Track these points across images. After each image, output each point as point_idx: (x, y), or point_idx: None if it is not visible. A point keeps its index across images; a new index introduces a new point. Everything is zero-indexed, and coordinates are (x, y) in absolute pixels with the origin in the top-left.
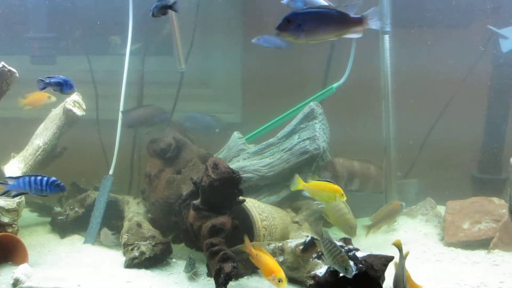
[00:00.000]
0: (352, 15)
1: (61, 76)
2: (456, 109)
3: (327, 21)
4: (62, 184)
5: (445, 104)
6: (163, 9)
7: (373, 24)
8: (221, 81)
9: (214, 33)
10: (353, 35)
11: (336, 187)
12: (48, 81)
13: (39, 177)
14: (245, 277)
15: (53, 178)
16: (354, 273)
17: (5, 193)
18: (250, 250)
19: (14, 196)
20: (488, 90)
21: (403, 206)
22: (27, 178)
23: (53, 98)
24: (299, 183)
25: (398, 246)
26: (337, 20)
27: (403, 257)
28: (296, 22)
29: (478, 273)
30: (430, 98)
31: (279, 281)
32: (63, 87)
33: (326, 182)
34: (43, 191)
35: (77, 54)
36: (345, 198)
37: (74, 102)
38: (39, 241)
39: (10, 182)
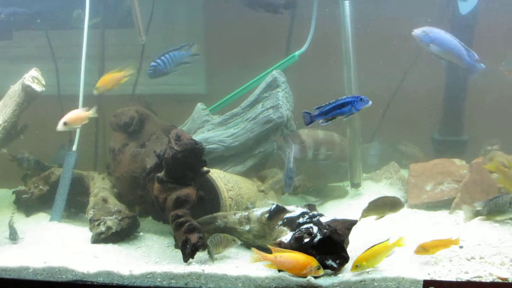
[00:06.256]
0: None
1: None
2: (417, 71)
3: None
4: None
5: (407, 68)
6: None
7: None
8: None
9: (174, 3)
10: None
11: None
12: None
13: None
14: None
15: None
16: (318, 238)
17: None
18: (266, 257)
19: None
20: None
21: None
22: None
23: None
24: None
25: None
26: None
27: None
28: None
29: (439, 232)
30: (392, 61)
31: (318, 269)
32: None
33: None
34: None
35: (36, 29)
36: None
37: (33, 77)
38: (3, 221)
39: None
